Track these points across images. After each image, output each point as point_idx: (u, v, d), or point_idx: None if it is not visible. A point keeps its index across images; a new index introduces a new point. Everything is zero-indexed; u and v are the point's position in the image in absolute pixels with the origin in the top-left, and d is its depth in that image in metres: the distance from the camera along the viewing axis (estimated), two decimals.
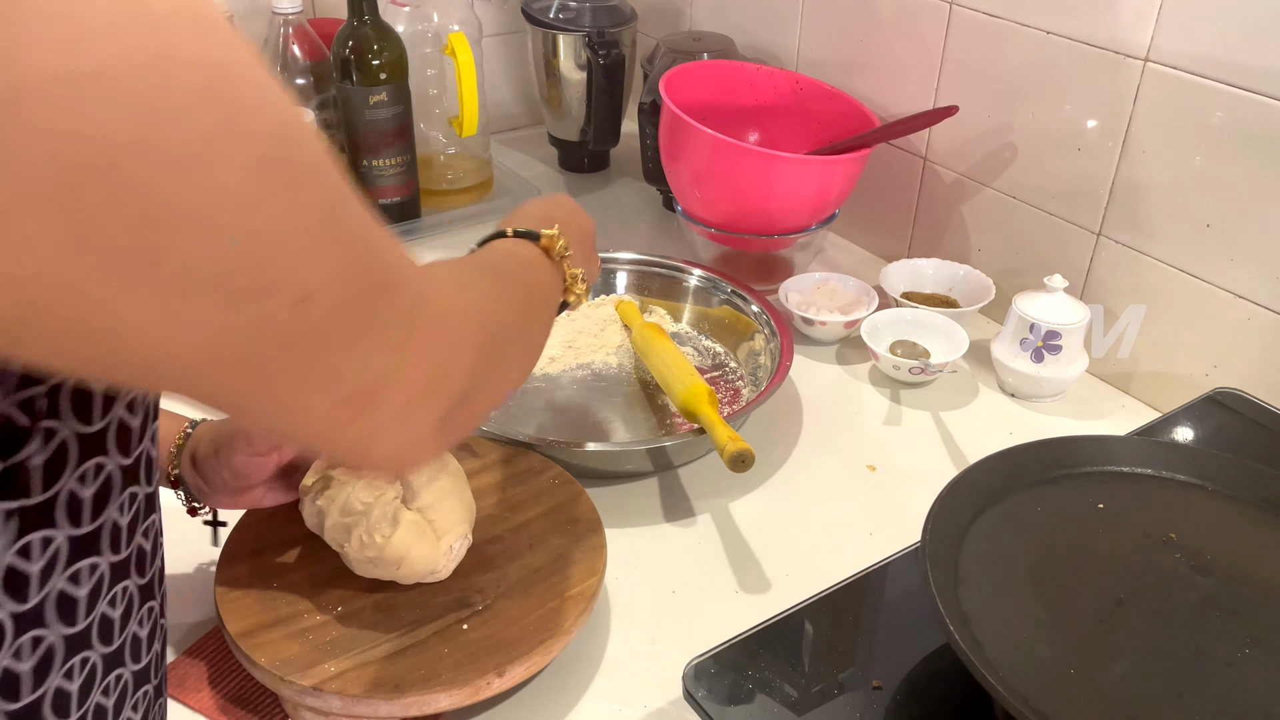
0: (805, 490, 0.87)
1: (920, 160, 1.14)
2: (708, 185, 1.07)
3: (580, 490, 0.79)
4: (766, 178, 1.04)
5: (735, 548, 0.81)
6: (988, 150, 1.06)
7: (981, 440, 0.93)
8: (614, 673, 0.70)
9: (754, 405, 0.87)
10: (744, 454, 0.76)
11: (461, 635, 0.67)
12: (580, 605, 0.69)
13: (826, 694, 0.60)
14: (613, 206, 1.36)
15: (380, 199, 1.22)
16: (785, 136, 1.19)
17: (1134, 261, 0.96)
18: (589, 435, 0.91)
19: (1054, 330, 0.94)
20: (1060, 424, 0.95)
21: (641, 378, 0.98)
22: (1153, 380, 0.97)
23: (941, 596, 0.55)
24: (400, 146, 1.20)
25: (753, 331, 1.01)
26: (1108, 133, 0.94)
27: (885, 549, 0.79)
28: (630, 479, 0.87)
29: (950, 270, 1.10)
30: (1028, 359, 0.96)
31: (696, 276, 1.07)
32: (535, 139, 1.51)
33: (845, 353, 1.05)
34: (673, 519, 0.84)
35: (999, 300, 1.05)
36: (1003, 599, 0.58)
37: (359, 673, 0.64)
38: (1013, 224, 1.06)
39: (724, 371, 1.00)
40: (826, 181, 1.06)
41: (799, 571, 0.78)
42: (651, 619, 0.74)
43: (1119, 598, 0.59)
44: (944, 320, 1.02)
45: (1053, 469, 0.67)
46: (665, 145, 1.11)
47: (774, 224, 1.08)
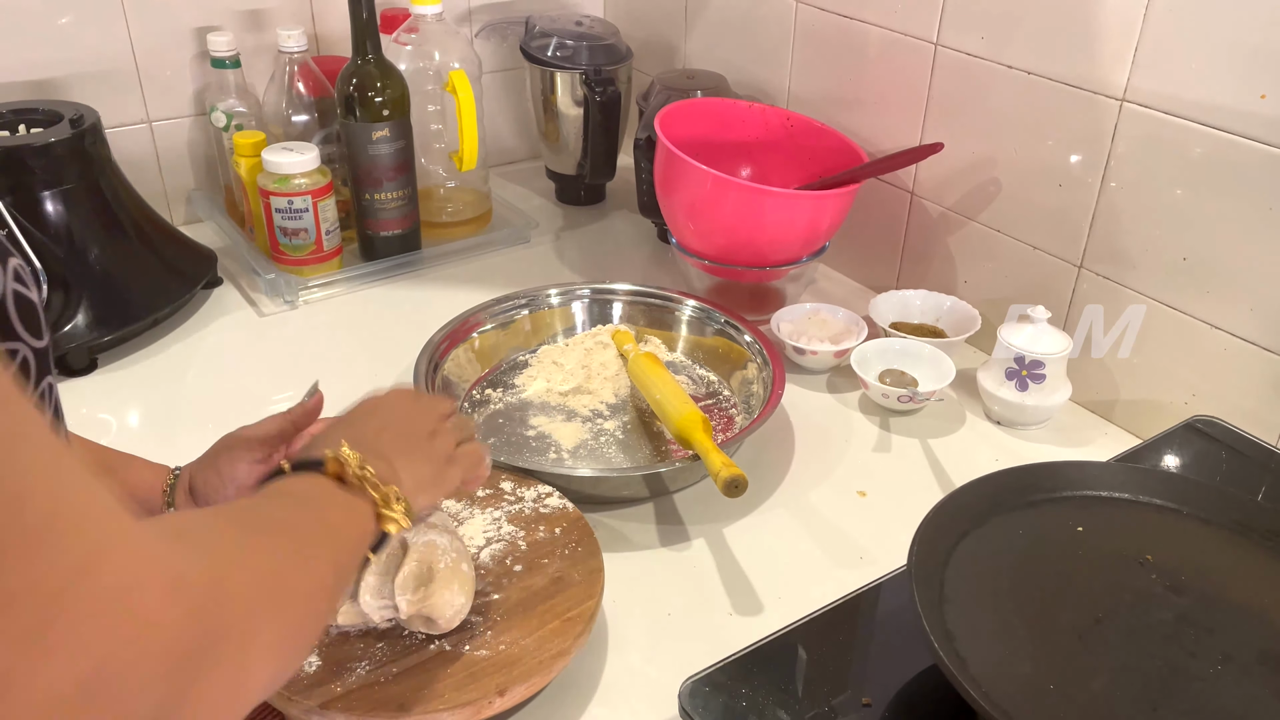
0: (797, 515, 0.89)
1: (908, 195, 1.17)
2: (701, 218, 1.10)
3: (578, 515, 0.81)
4: (758, 211, 1.07)
5: (729, 571, 0.83)
6: (972, 185, 1.09)
7: (968, 466, 0.95)
8: (611, 692, 0.72)
9: (747, 432, 0.90)
10: (737, 479, 0.78)
11: (464, 656, 0.69)
12: (579, 626, 0.71)
13: (818, 712, 0.62)
14: (608, 238, 1.39)
15: (382, 231, 1.25)
16: (777, 171, 1.22)
17: (1114, 293, 0.99)
18: (584, 463, 0.93)
19: (1038, 360, 0.97)
20: (1045, 450, 0.98)
21: (637, 405, 1.01)
22: (1134, 408, 1.00)
23: (927, 615, 0.58)
24: (402, 180, 1.23)
25: (745, 360, 1.03)
26: (1088, 168, 0.98)
27: (875, 571, 0.81)
28: (627, 504, 0.89)
29: (937, 301, 1.13)
30: (1012, 388, 0.99)
31: (690, 307, 1.10)
32: (533, 172, 1.54)
33: (836, 381, 1.08)
34: (668, 543, 0.86)
35: (985, 330, 1.08)
36: (986, 617, 0.60)
37: (364, 693, 0.66)
38: (997, 256, 1.09)
39: (718, 399, 1.03)
40: (817, 215, 1.09)
41: (791, 594, 0.81)
42: (648, 640, 0.76)
43: (1097, 616, 0.61)
44: (931, 350, 1.04)
45: (1033, 493, 0.69)
46: (660, 179, 1.14)
47: (766, 256, 1.11)
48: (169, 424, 1.01)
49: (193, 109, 1.32)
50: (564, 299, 1.10)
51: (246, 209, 1.26)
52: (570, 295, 1.11)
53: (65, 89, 1.23)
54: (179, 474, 0.72)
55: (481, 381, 1.04)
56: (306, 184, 1.18)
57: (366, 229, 1.25)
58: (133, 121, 1.29)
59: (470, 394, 1.02)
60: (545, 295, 1.10)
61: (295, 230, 1.19)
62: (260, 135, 1.22)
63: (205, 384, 1.06)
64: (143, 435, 0.99)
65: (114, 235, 1.11)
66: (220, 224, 1.30)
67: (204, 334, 1.15)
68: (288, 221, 1.19)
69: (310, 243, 1.20)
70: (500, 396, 1.02)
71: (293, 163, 1.16)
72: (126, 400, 1.03)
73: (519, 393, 1.02)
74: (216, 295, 1.22)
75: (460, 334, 1.03)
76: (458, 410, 0.69)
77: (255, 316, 1.18)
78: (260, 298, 1.21)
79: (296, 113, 1.25)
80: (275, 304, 1.20)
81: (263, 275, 1.19)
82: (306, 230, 1.19)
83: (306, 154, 1.17)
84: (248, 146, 1.20)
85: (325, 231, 1.21)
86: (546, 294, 1.10)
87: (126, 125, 1.28)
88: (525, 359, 1.07)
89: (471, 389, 1.03)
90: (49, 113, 1.10)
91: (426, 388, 0.94)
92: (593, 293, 1.11)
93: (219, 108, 1.26)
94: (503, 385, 1.04)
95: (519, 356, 1.07)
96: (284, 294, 1.19)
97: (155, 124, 1.30)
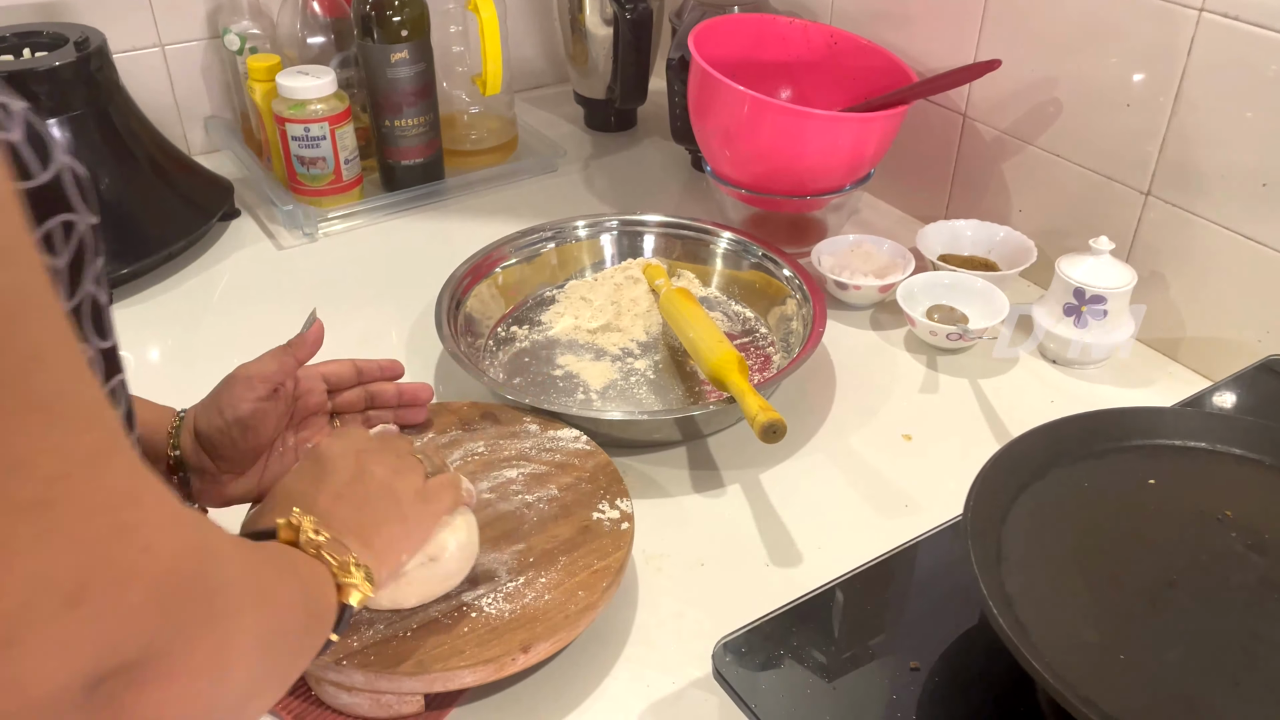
0: (838, 460, 0.84)
1: (959, 117, 1.10)
2: (738, 144, 1.04)
3: (607, 460, 0.77)
4: (799, 136, 1.00)
5: (766, 519, 0.79)
6: (1031, 106, 1.02)
7: (1022, 408, 0.90)
8: (641, 648, 0.69)
9: (785, 373, 0.85)
10: (775, 424, 0.74)
11: (485, 611, 0.65)
12: (607, 579, 0.67)
13: (862, 675, 0.58)
14: (639, 166, 1.33)
15: (402, 160, 1.20)
16: (819, 93, 1.15)
17: (1183, 223, 0.92)
18: (614, 404, 0.89)
19: (1099, 294, 0.91)
20: (1104, 392, 0.92)
21: (669, 343, 0.96)
22: (1202, 346, 0.94)
23: (984, 576, 0.53)
24: (422, 106, 1.17)
25: (784, 296, 0.98)
26: (1158, 87, 0.90)
27: (921, 522, 0.77)
28: (658, 448, 0.85)
29: (989, 232, 1.06)
30: (1070, 324, 0.92)
31: (726, 239, 1.04)
32: (561, 97, 1.47)
33: (880, 318, 1.02)
34: (701, 489, 0.81)
35: (1041, 263, 1.02)
36: (1048, 580, 0.55)
37: (381, 648, 0.63)
38: (1056, 183, 1.02)
39: (754, 337, 0.98)
40: (861, 140, 1.02)
41: (831, 544, 0.76)
42: (679, 592, 0.72)
43: (1170, 579, 0.56)
44: (983, 284, 0.98)
45: (1099, 442, 0.64)
46: (694, 103, 1.08)
47: (806, 184, 1.04)
48: (185, 361, 0.97)
49: (206, 31, 1.26)
50: (592, 231, 1.05)
51: (263, 137, 1.21)
52: (599, 227, 1.05)
53: (71, 11, 1.17)
54: (184, 416, 0.68)
55: (506, 319, 0.99)
56: (323, 110, 1.12)
57: (387, 158, 1.20)
58: (143, 45, 1.23)
59: (495, 331, 0.98)
60: (572, 227, 1.04)
61: (312, 159, 1.14)
62: (275, 59, 1.16)
63: (223, 320, 1.03)
64: (159, 373, 0.96)
65: (125, 165, 1.07)
66: (238, 153, 1.25)
67: (221, 268, 1.11)
68: (304, 150, 1.14)
69: (328, 172, 1.15)
70: (526, 334, 0.97)
71: (308, 87, 1.11)
72: (142, 337, 1.00)
73: (545, 330, 0.98)
74: (234, 227, 1.17)
75: (483, 269, 0.98)
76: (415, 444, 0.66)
77: (273, 250, 1.14)
78: (279, 230, 1.17)
79: (312, 34, 1.19)
80: (294, 236, 1.15)
81: (280, 207, 1.14)
82: (324, 159, 1.14)
83: (323, 78, 1.11)
84: (262, 71, 1.15)
85: (344, 160, 1.16)
86: (574, 226, 1.04)
87: (137, 49, 1.23)
88: (552, 295, 1.02)
89: (496, 326, 0.98)
90: (54, 35, 1.05)
91: (449, 325, 0.90)
92: (622, 224, 1.06)
93: (232, 30, 1.20)
94: (529, 322, 0.99)
95: (545, 292, 1.02)
96: (303, 226, 1.15)
97: (167, 47, 1.25)
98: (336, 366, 0.75)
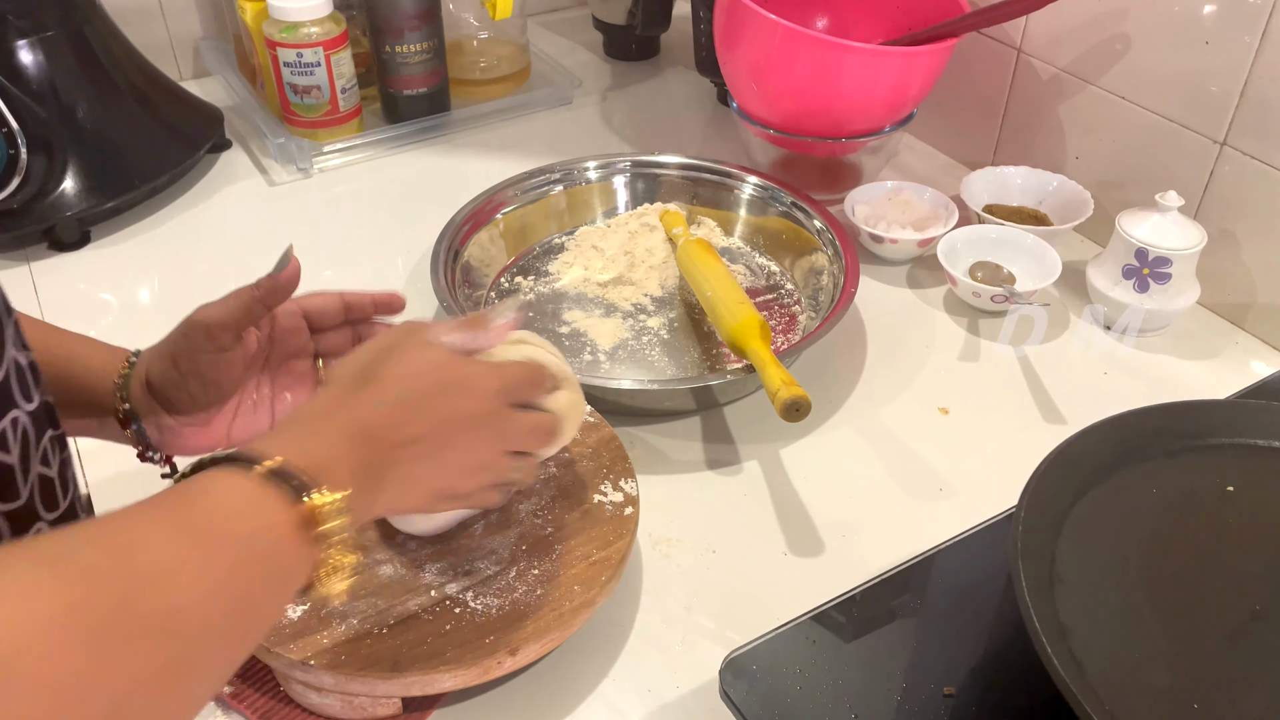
0: (867, 435, 0.77)
1: (1013, 52, 0.99)
2: (768, 78, 0.94)
3: (611, 435, 0.70)
4: (835, 71, 0.91)
5: (785, 501, 0.71)
6: (1094, 41, 0.91)
7: (1072, 380, 0.82)
8: (644, 646, 0.62)
9: (812, 338, 0.77)
10: (799, 402, 0.66)
11: (470, 606, 0.59)
12: (606, 571, 0.61)
13: (888, 700, 0.51)
14: (661, 100, 1.23)
15: (405, 89, 1.11)
16: (858, 23, 1.04)
17: (1263, 177, 0.82)
18: (623, 367, 0.81)
19: (1164, 256, 0.82)
20: (1162, 362, 0.84)
21: (686, 299, 0.88)
22: (1274, 314, 0.85)
23: (1034, 602, 0.46)
24: (427, 30, 1.08)
25: (813, 248, 0.89)
26: (1243, 22, 0.80)
27: (956, 508, 0.70)
28: (669, 418, 0.78)
29: (1041, 181, 0.97)
30: (1130, 288, 0.84)
31: (751, 184, 0.95)
32: (578, 23, 1.37)
33: (918, 275, 0.93)
34: (715, 466, 0.74)
35: (1097, 217, 0.92)
36: (1109, 607, 0.48)
37: (354, 646, 0.57)
38: (1119, 129, 0.92)
39: (779, 294, 0.90)
40: (904, 76, 0.92)
41: (857, 532, 0.69)
42: (687, 583, 0.66)
43: (1254, 609, 0.48)
44: (1033, 240, 0.89)
45: (1173, 439, 0.56)
46: (720, 32, 0.98)
47: (842, 124, 0.95)
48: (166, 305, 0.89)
49: None
50: (604, 173, 0.96)
51: (256, 62, 1.13)
52: (612, 169, 0.96)
53: None
54: (135, 362, 0.59)
55: (510, 268, 0.91)
56: (318, 33, 1.03)
57: (388, 86, 1.11)
58: None
59: (497, 282, 0.90)
60: (583, 169, 0.96)
61: (307, 87, 1.06)
62: None
63: (209, 260, 0.96)
64: (137, 317, 0.89)
65: (103, 91, 0.99)
66: (230, 80, 1.16)
67: (208, 204, 1.03)
68: (298, 77, 1.05)
69: (324, 102, 1.07)
70: (531, 285, 0.89)
71: (302, 8, 1.02)
72: (123, 278, 0.93)
73: (553, 281, 0.90)
74: (224, 160, 1.09)
75: (484, 214, 0.90)
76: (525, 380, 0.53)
77: (265, 185, 1.06)
78: (271, 164, 1.09)
79: None
80: (287, 172, 1.07)
81: (272, 139, 1.06)
82: (319, 87, 1.06)
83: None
84: None
85: (341, 89, 1.07)
86: (584, 168, 0.96)
87: None
88: (561, 242, 0.94)
89: (499, 277, 0.90)
90: None
91: (445, 276, 0.82)
92: (637, 166, 0.97)
93: None
94: (534, 272, 0.91)
95: (554, 239, 0.94)
96: (296, 160, 1.07)
97: None
98: (321, 301, 0.62)
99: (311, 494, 0.41)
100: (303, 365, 0.64)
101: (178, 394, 0.58)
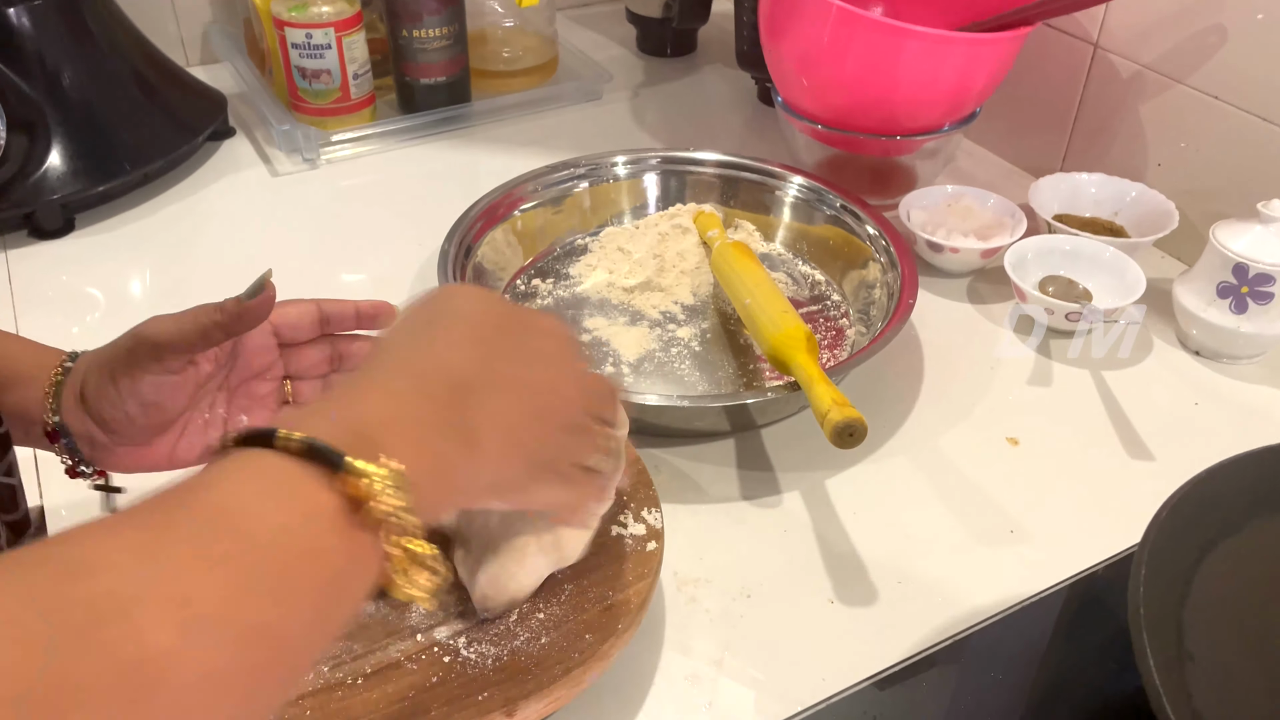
0: (924, 466, 0.67)
1: (1089, 46, 0.90)
2: (817, 69, 0.85)
3: (635, 457, 0.60)
4: (892, 60, 0.82)
5: (831, 540, 0.62)
6: (1184, 34, 0.82)
7: (1159, 411, 0.72)
8: (664, 710, 0.53)
9: (864, 354, 0.67)
10: (853, 425, 0.57)
11: (462, 655, 0.50)
12: (624, 617, 0.52)
13: None
14: (698, 97, 1.15)
15: (423, 78, 1.03)
16: (917, 10, 0.95)
17: None
18: (649, 381, 0.72)
19: (1266, 274, 0.72)
20: (1261, 393, 0.74)
21: (721, 308, 0.79)
22: None
23: (1165, 684, 0.36)
24: (448, 14, 1.00)
25: (865, 258, 0.80)
26: None
27: (1033, 555, 0.60)
28: (700, 439, 0.69)
29: (1119, 189, 0.87)
30: (1226, 309, 0.74)
31: (796, 185, 0.86)
32: (610, 16, 1.30)
33: (979, 289, 0.84)
34: (751, 496, 0.65)
35: (1183, 230, 0.83)
36: (1253, 688, 0.38)
37: (323, 700, 0.48)
38: (1209, 133, 0.82)
39: (824, 306, 0.80)
40: (969, 68, 0.83)
41: (914, 579, 0.59)
42: (717, 634, 0.57)
43: None
44: (1113, 253, 0.80)
45: None
46: (767, 18, 0.89)
47: (898, 120, 0.86)
48: (155, 301, 0.83)
49: None
50: (634, 170, 0.88)
51: (265, 46, 1.05)
52: (641, 165, 0.88)
53: None
54: (71, 367, 0.51)
55: (527, 270, 0.83)
56: (329, 13, 0.96)
57: (404, 74, 1.03)
58: None
59: (513, 284, 0.81)
60: (610, 164, 0.87)
61: (316, 72, 0.98)
62: None
63: (203, 255, 0.88)
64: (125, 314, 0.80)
65: (94, 65, 0.91)
66: (239, 66, 1.09)
67: (205, 193, 0.95)
68: (306, 60, 0.97)
69: (334, 88, 0.99)
70: (550, 289, 0.81)
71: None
72: (110, 270, 0.85)
73: (574, 285, 0.81)
74: (227, 148, 1.02)
75: (501, 210, 0.82)
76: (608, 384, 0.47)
77: (268, 175, 0.98)
78: (275, 153, 1.01)
79: None
80: (292, 161, 1.00)
81: (276, 126, 0.98)
82: (329, 72, 0.98)
83: None
84: None
85: (352, 75, 0.99)
86: (611, 163, 0.87)
87: None
88: (584, 243, 0.85)
89: (515, 278, 0.82)
90: None
91: (455, 278, 0.74)
92: (670, 163, 0.88)
93: None
94: (554, 275, 0.82)
95: (577, 240, 0.86)
96: (302, 149, 0.99)
97: None
98: (294, 312, 0.54)
99: (356, 464, 0.31)
100: (267, 387, 0.55)
101: (113, 412, 0.50)
